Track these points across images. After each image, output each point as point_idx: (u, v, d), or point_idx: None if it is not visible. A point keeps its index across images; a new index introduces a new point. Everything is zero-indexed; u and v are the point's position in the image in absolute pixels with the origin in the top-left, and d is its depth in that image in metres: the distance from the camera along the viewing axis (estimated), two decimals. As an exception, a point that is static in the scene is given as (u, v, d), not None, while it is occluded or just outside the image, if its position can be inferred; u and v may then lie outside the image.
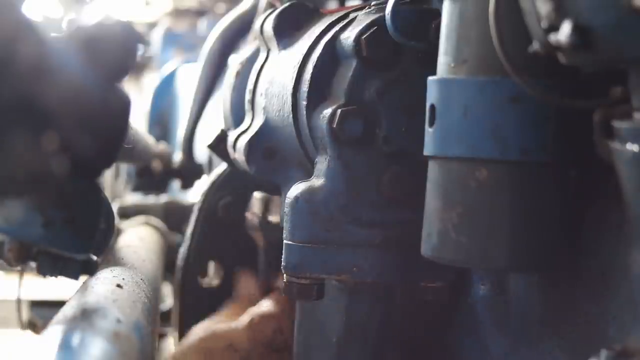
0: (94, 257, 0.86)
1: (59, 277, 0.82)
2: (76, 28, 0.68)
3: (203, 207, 1.20)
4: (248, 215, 1.13)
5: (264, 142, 0.95)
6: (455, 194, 0.69)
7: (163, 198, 1.71)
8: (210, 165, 1.64)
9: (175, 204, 1.67)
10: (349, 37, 0.84)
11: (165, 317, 1.43)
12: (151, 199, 1.71)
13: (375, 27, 0.82)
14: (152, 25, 4.06)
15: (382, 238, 0.82)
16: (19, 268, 0.85)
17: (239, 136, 0.98)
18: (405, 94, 0.82)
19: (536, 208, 0.68)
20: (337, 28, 0.87)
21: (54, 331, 0.69)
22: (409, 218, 0.80)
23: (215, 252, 1.22)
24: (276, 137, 0.93)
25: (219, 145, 1.08)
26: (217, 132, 1.09)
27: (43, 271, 0.81)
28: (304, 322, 0.92)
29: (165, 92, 2.57)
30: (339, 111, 0.82)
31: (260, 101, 0.96)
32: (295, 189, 0.84)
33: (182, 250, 1.22)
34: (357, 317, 0.87)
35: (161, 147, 1.92)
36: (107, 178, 2.80)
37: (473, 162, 0.68)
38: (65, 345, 0.66)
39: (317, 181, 0.83)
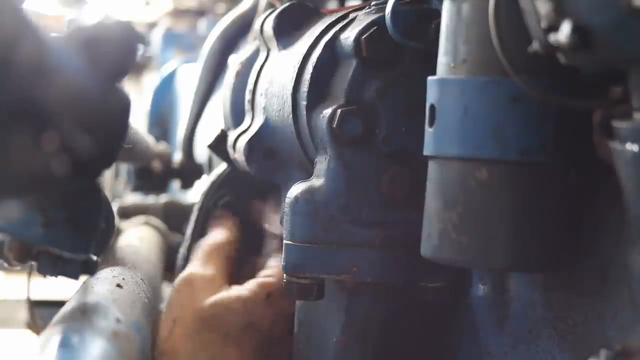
0: (94, 257, 0.86)
1: (59, 277, 0.82)
2: (76, 28, 0.68)
3: (203, 207, 1.20)
4: None
5: (264, 142, 0.95)
6: (456, 194, 0.69)
7: (163, 198, 1.71)
8: (210, 165, 1.64)
9: (175, 204, 1.67)
10: (348, 37, 0.84)
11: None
12: (151, 199, 1.71)
13: (375, 27, 0.82)
14: (152, 25, 4.06)
15: (382, 238, 0.82)
16: (18, 268, 0.85)
17: (239, 136, 0.98)
18: (405, 94, 0.82)
19: (536, 208, 0.68)
20: (337, 28, 0.87)
21: (54, 331, 0.69)
22: (409, 218, 0.80)
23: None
24: (276, 137, 0.93)
25: (219, 145, 1.08)
26: (217, 132, 1.09)
27: (43, 271, 0.81)
28: (304, 322, 0.92)
29: (165, 92, 2.56)
30: (338, 111, 0.82)
31: (260, 101, 0.96)
32: (295, 189, 0.84)
33: (182, 251, 1.22)
34: (357, 317, 0.87)
35: (161, 147, 1.92)
36: (107, 178, 2.80)
37: (473, 162, 0.68)
38: (65, 345, 0.66)
39: (317, 181, 0.83)
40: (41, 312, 2.10)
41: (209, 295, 0.95)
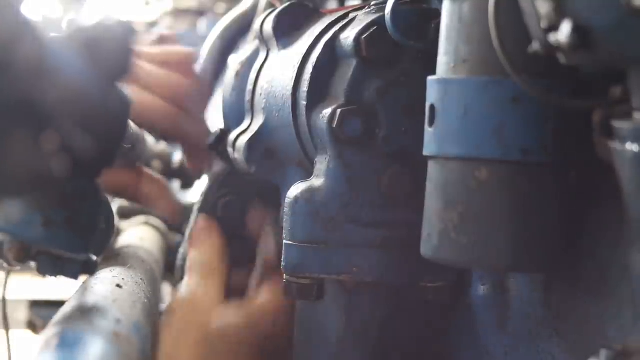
0: (94, 257, 0.86)
1: (59, 277, 0.82)
2: (76, 28, 0.69)
3: (203, 207, 1.20)
4: None
5: (264, 142, 0.95)
6: (456, 194, 0.69)
7: (163, 198, 1.70)
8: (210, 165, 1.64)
9: (175, 204, 1.66)
10: (348, 37, 0.84)
11: (165, 317, 1.43)
12: (151, 199, 1.71)
13: (375, 27, 0.82)
14: (152, 25, 4.05)
15: (383, 238, 0.82)
16: (18, 268, 0.85)
17: (238, 136, 0.98)
18: (405, 94, 0.82)
19: (536, 208, 0.68)
20: (337, 28, 0.87)
21: (54, 331, 0.69)
22: (410, 218, 0.80)
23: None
24: (276, 137, 0.93)
25: (219, 145, 1.08)
26: (217, 132, 1.09)
27: (43, 271, 0.81)
28: (304, 322, 0.92)
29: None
30: (338, 111, 0.82)
31: (260, 101, 0.96)
32: (295, 189, 0.84)
33: (182, 251, 1.22)
34: (357, 317, 0.87)
35: (161, 147, 1.92)
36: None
37: (473, 162, 0.68)
38: (64, 345, 0.66)
39: (317, 181, 0.83)
40: (41, 312, 2.10)
41: (211, 315, 0.98)
